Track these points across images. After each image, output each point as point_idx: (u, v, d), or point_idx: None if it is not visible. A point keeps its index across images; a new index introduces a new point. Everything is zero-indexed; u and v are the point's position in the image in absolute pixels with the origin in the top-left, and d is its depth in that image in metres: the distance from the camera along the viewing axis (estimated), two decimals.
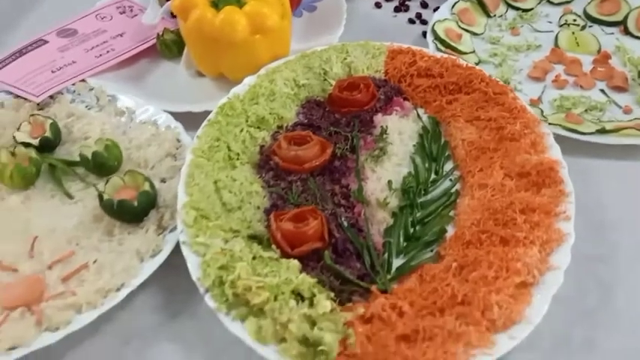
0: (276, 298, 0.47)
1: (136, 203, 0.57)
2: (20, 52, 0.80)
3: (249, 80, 0.70)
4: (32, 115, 0.68)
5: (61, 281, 0.52)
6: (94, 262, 0.53)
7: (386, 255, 0.54)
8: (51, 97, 0.73)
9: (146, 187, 0.58)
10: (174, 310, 0.53)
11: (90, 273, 0.53)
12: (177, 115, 0.70)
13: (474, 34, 0.84)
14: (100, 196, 0.57)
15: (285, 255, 0.52)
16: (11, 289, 0.51)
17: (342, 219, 0.56)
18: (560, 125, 0.67)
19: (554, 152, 0.59)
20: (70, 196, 0.61)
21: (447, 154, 0.63)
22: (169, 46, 0.82)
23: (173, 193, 0.59)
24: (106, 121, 0.70)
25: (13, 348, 0.46)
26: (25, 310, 0.49)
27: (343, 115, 0.69)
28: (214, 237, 0.53)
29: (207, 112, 0.69)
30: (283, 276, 0.49)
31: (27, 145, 0.64)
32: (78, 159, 0.65)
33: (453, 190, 0.60)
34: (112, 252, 0.55)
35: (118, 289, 0.50)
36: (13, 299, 0.50)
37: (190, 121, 0.69)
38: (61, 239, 0.57)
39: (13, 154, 0.63)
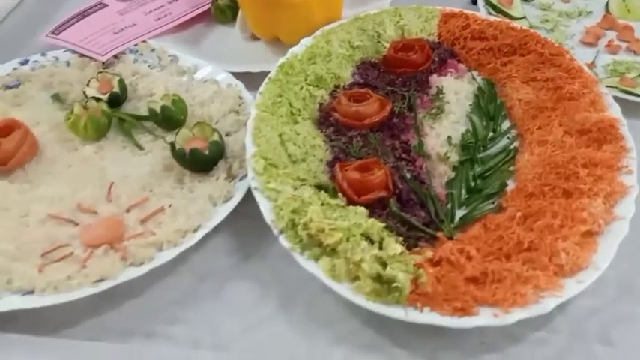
0: (348, 240, 0.48)
1: (207, 152, 0.58)
2: (82, 15, 0.82)
3: (305, 41, 0.71)
4: (100, 72, 0.70)
5: (139, 223, 0.54)
6: (170, 206, 0.55)
7: (449, 206, 0.55)
8: (115, 56, 0.75)
9: (215, 137, 0.59)
10: (247, 253, 0.54)
11: (166, 216, 0.54)
12: (234, 75, 0.72)
13: (525, 0, 0.84)
14: (173, 146, 0.59)
15: (352, 203, 0.54)
16: (93, 229, 0.53)
17: (405, 171, 0.57)
18: (615, 87, 0.67)
19: (614, 110, 0.59)
20: (140, 148, 0.63)
21: (503, 113, 0.64)
22: (224, 11, 0.83)
23: (240, 145, 0.61)
24: (168, 80, 0.71)
25: (100, 280, 0.48)
26: (108, 247, 0.51)
27: (399, 75, 0.70)
28: (284, 184, 0.54)
29: (264, 73, 0.71)
30: (352, 220, 0.51)
31: (97, 99, 0.66)
32: (145, 114, 0.67)
33: (512, 147, 0.60)
34: (184, 198, 0.57)
35: (195, 230, 0.52)
36: (96, 238, 0.52)
37: (247, 80, 0.70)
38: (135, 186, 0.58)
39: (85, 107, 0.65)
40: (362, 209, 0.53)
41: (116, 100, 0.68)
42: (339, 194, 0.54)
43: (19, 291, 0.48)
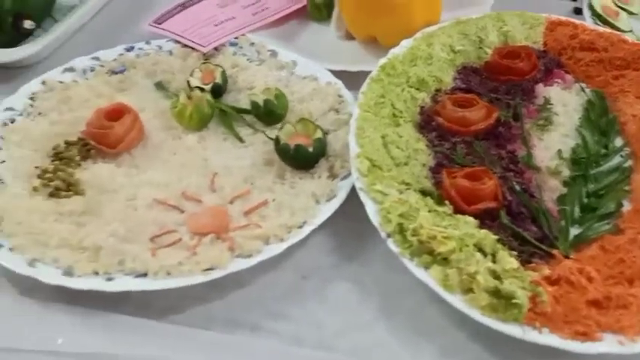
0: (460, 249, 0.47)
1: (311, 149, 0.57)
2: (183, 6, 0.82)
3: (406, 43, 0.69)
4: (203, 62, 0.70)
5: (243, 215, 0.54)
6: (273, 200, 0.54)
7: (562, 222, 0.52)
8: (215, 48, 0.75)
9: (319, 134, 0.58)
10: (348, 254, 0.53)
11: (270, 209, 0.54)
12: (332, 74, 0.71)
13: (631, 13, 0.79)
14: (277, 140, 0.58)
15: (459, 211, 0.52)
16: (199, 217, 0.53)
17: (514, 183, 0.55)
18: None
19: None
20: (241, 140, 0.63)
21: (616, 129, 0.61)
22: (320, 9, 0.82)
23: (341, 144, 0.60)
24: (268, 74, 0.71)
25: (209, 269, 0.48)
26: (214, 237, 0.51)
27: (502, 82, 0.67)
28: (389, 187, 0.53)
29: (362, 72, 0.70)
30: (463, 230, 0.49)
31: (201, 90, 0.66)
32: (244, 106, 0.67)
33: (626, 165, 0.57)
34: (286, 194, 0.56)
35: (300, 227, 0.51)
36: (203, 226, 0.51)
37: (343, 79, 0.69)
38: (237, 177, 0.58)
39: (189, 97, 0.65)
40: (471, 219, 0.50)
41: (217, 92, 0.68)
42: (446, 202, 0.53)
43: (132, 272, 0.48)
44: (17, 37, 0.77)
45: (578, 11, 0.81)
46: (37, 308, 0.47)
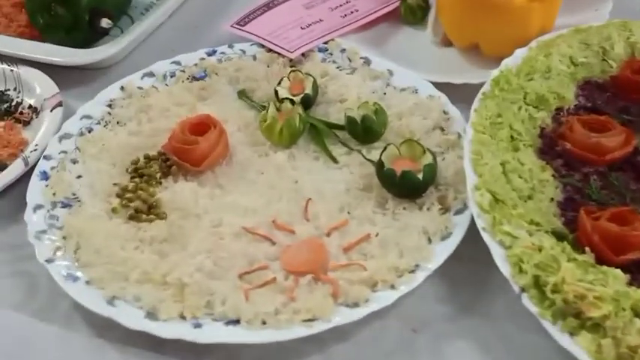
0: (616, 314, 0.38)
1: (420, 176, 0.49)
2: (267, 6, 0.76)
3: (520, 53, 0.61)
4: (293, 70, 0.63)
5: (342, 250, 0.47)
6: (376, 235, 0.47)
7: None
8: (303, 54, 0.69)
9: (428, 159, 0.50)
10: (467, 304, 0.46)
11: (373, 246, 0.47)
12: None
13: None
14: (380, 165, 0.51)
15: (603, 261, 0.43)
16: (295, 252, 0.46)
17: None
18: None
19: None
20: (335, 160, 0.55)
21: None
22: (414, 11, 0.74)
23: (452, 170, 0.52)
24: (361, 85, 0.63)
25: (311, 320, 0.41)
26: (313, 278, 0.44)
27: (634, 102, 0.57)
28: (519, 227, 0.45)
29: (467, 85, 0.62)
30: (613, 286, 0.41)
31: (291, 102, 0.59)
32: (335, 121, 0.60)
33: None
34: (388, 227, 0.48)
35: (412, 271, 0.44)
36: (300, 264, 0.45)
37: (444, 92, 0.61)
38: (332, 205, 0.51)
39: (278, 109, 0.59)
40: (620, 272, 0.42)
41: (307, 104, 0.60)
42: (586, 248, 0.44)
43: (222, 318, 0.42)
44: (92, 35, 0.73)
45: None
46: (114, 355, 0.42)
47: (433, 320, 0.45)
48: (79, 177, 0.54)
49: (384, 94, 0.62)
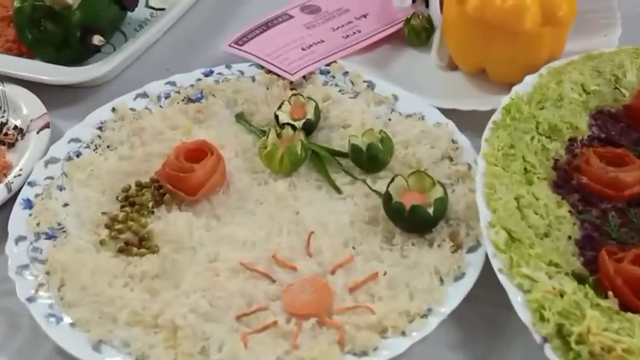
0: None
1: (431, 211, 0.47)
2: (267, 25, 0.73)
3: (531, 79, 0.58)
4: (294, 94, 0.60)
5: (347, 290, 0.44)
6: (384, 274, 0.44)
7: None
8: (303, 77, 0.66)
9: (439, 192, 0.47)
10: (481, 351, 0.42)
11: (380, 286, 0.43)
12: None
13: None
14: (387, 197, 0.48)
15: (627, 306, 0.40)
16: (297, 292, 0.43)
17: None
18: None
19: None
20: (338, 190, 0.52)
21: None
22: (418, 33, 0.72)
23: (463, 204, 0.49)
24: (365, 110, 0.61)
25: None
26: (317, 322, 0.41)
27: None
28: (537, 269, 0.42)
29: (474, 113, 0.60)
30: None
31: (293, 127, 0.56)
32: (337, 147, 0.57)
33: None
34: (397, 265, 0.45)
35: (424, 315, 0.41)
36: (302, 306, 0.41)
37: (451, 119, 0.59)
38: (336, 239, 0.48)
39: (279, 135, 0.56)
40: None
41: (308, 129, 0.57)
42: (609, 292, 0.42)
43: None
44: (84, 53, 0.70)
45: None
46: None
47: None
48: (65, 205, 0.50)
49: (389, 120, 0.59)
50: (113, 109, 0.59)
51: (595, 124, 0.56)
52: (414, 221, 0.47)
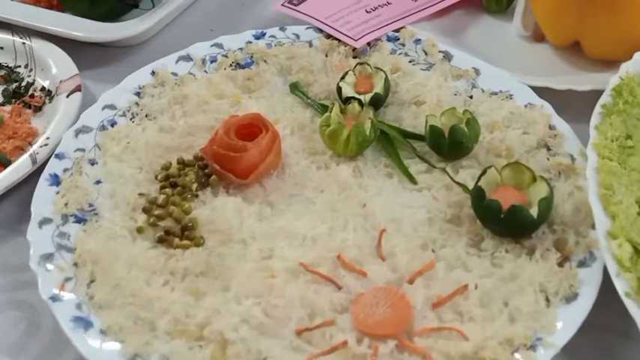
0: None
1: (535, 214, 0.38)
2: None
3: None
4: (360, 63, 0.52)
5: (430, 307, 0.36)
6: (475, 287, 0.36)
7: None
8: (368, 43, 0.57)
9: (543, 191, 0.39)
10: None
11: (471, 303, 0.36)
12: None
13: None
14: (480, 193, 0.39)
15: None
16: (371, 305, 0.35)
17: None
18: None
19: None
20: (413, 180, 0.44)
21: None
22: None
23: (570, 206, 0.40)
24: (442, 85, 0.52)
25: None
26: (394, 345, 0.34)
27: None
28: None
29: (572, 92, 0.51)
30: None
31: (360, 102, 0.49)
32: (410, 128, 0.49)
33: None
34: (488, 276, 0.38)
35: (531, 346, 0.33)
36: (379, 324, 0.34)
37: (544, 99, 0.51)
38: (412, 239, 0.40)
39: (342, 111, 0.48)
40: None
41: (376, 105, 0.49)
42: None
43: None
44: (119, 8, 0.62)
45: None
46: None
47: None
48: (97, 182, 0.44)
49: (470, 97, 0.51)
50: (153, 73, 0.52)
51: None
52: (512, 224, 0.38)
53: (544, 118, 0.47)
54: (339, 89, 0.50)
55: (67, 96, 0.50)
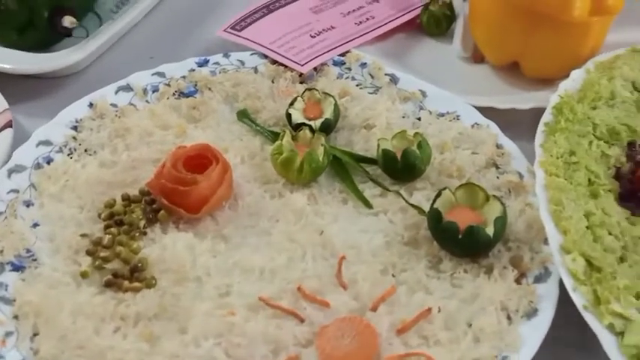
0: None
1: (492, 233, 0.39)
2: (267, 8, 0.64)
3: (578, 75, 0.52)
4: (308, 89, 0.52)
5: (395, 333, 0.36)
6: (439, 310, 0.37)
7: None
8: (314, 68, 0.58)
9: (496, 210, 0.40)
10: None
11: (435, 327, 0.36)
12: None
13: None
14: (437, 216, 0.40)
15: None
16: (336, 337, 0.35)
17: None
18: None
19: None
20: (368, 205, 0.45)
21: None
22: (439, 21, 0.64)
23: (523, 223, 0.42)
24: (390, 108, 0.54)
25: None
26: None
27: None
28: (628, 305, 0.36)
29: (514, 111, 0.53)
30: None
31: (310, 128, 0.49)
32: (360, 152, 0.50)
33: None
34: (449, 297, 0.38)
35: None
36: (346, 356, 0.34)
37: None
38: (372, 265, 0.40)
39: (293, 138, 0.48)
40: None
41: (326, 131, 0.49)
42: None
43: None
44: (51, 37, 0.60)
45: None
46: None
47: None
48: (34, 226, 0.41)
49: (418, 119, 0.52)
50: (90, 105, 0.50)
51: None
52: (470, 244, 0.39)
53: (491, 137, 0.49)
54: (288, 116, 0.50)
55: None
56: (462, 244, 0.40)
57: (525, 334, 0.35)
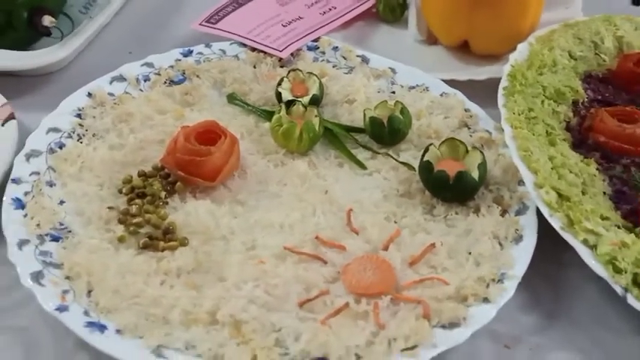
0: None
1: (477, 177, 0.46)
2: (237, 3, 0.70)
3: (524, 47, 0.60)
4: (293, 70, 0.57)
5: (408, 266, 0.42)
6: (441, 244, 0.43)
7: None
8: (292, 53, 0.63)
9: (478, 158, 0.47)
10: (553, 311, 0.43)
11: (441, 257, 0.42)
12: None
13: None
14: (428, 167, 0.47)
15: None
16: (359, 271, 0.40)
17: None
18: None
19: None
20: (363, 166, 0.51)
21: None
22: (394, 9, 0.71)
23: (499, 169, 0.49)
24: (366, 84, 0.60)
25: (412, 347, 0.36)
26: (389, 299, 0.39)
27: (638, 93, 0.60)
28: (597, 224, 0.43)
29: (472, 82, 0.61)
30: None
31: (302, 104, 0.54)
32: (345, 122, 0.55)
33: None
34: (446, 234, 0.45)
35: (499, 280, 0.40)
36: (370, 285, 0.39)
37: None
38: (376, 215, 0.46)
39: (287, 112, 0.53)
40: None
41: (314, 105, 0.56)
42: None
43: (304, 357, 0.35)
44: (30, 36, 0.62)
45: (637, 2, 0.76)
46: None
47: (524, 333, 0.41)
48: (61, 203, 0.44)
49: (393, 92, 0.59)
50: (89, 94, 0.53)
51: (589, 88, 0.60)
52: (460, 189, 0.46)
53: (459, 103, 0.56)
54: (278, 94, 0.55)
55: (2, 124, 0.50)
56: (453, 188, 0.46)
57: (516, 255, 0.42)
